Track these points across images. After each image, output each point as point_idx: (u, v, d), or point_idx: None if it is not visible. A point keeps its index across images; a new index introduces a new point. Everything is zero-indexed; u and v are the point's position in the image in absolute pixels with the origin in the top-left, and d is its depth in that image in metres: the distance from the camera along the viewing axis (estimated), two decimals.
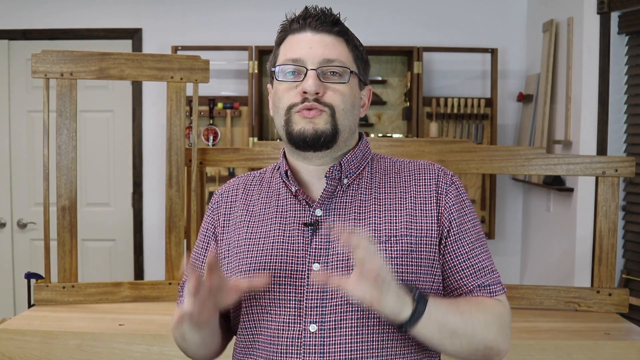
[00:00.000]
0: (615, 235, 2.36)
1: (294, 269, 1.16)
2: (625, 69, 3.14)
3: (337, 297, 1.13)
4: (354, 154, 1.22)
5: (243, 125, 3.86)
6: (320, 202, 1.19)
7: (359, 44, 1.25)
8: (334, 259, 1.15)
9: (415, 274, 1.15)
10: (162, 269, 2.82)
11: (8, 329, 2.08)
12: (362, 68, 1.24)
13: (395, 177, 1.23)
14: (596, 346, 2.03)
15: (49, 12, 3.94)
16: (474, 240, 1.21)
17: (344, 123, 1.18)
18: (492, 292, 1.20)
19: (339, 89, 1.18)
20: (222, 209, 1.30)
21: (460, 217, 1.20)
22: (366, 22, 3.94)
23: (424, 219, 1.18)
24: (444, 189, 1.21)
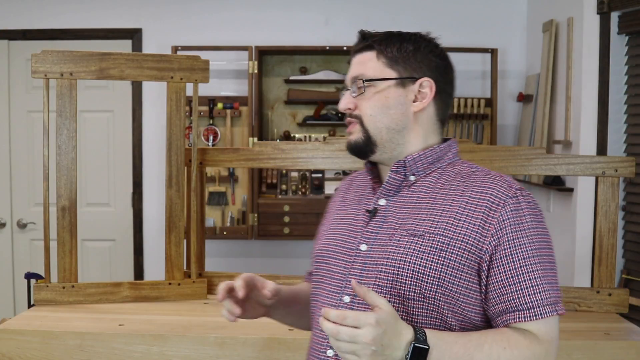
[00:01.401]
0: (615, 236, 2.36)
1: (346, 247, 1.31)
2: (625, 69, 3.14)
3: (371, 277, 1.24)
4: (423, 154, 1.31)
5: (243, 125, 3.86)
6: (384, 193, 1.32)
7: (393, 47, 1.32)
8: (378, 243, 1.27)
9: (439, 272, 1.20)
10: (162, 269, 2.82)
11: (8, 329, 2.08)
12: (403, 67, 1.31)
13: (459, 183, 1.28)
14: (596, 346, 2.03)
15: (48, 12, 3.94)
16: (527, 257, 1.20)
17: (376, 126, 1.30)
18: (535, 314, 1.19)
19: (365, 99, 1.31)
20: (335, 198, 1.50)
21: (514, 232, 1.20)
22: (366, 21, 3.94)
23: (466, 225, 1.21)
24: (504, 201, 1.22)
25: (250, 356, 2.03)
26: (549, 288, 1.20)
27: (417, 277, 1.21)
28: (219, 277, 2.58)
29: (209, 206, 3.81)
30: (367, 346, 1.05)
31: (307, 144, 2.52)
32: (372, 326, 1.05)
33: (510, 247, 1.20)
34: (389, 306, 1.09)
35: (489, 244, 1.20)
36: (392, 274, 1.22)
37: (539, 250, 1.21)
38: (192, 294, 2.50)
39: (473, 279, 1.21)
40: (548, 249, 1.23)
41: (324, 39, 3.94)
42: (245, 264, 3.94)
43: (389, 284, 1.22)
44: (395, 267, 1.22)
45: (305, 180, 3.88)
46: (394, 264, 1.23)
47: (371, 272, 1.25)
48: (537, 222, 1.23)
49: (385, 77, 1.30)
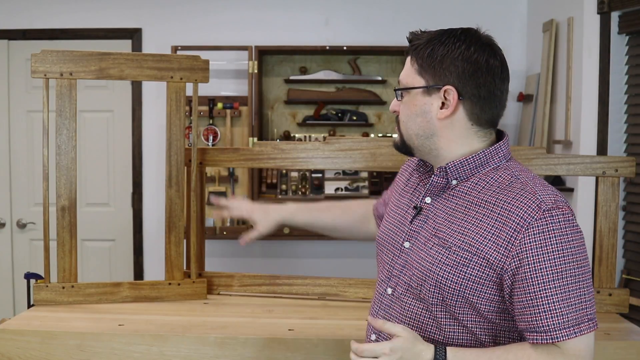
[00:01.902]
0: (615, 235, 2.36)
1: (394, 241, 1.43)
2: (626, 69, 3.13)
3: (407, 276, 1.36)
4: (465, 161, 1.34)
5: (243, 125, 3.86)
6: (429, 192, 1.38)
7: (427, 52, 1.33)
8: (417, 244, 1.37)
9: (460, 284, 1.28)
10: (161, 269, 2.82)
11: (7, 329, 2.08)
12: (432, 75, 1.33)
13: (495, 193, 1.30)
14: (596, 346, 2.02)
15: (48, 12, 3.94)
16: (548, 281, 1.22)
17: (408, 133, 1.38)
18: (551, 337, 1.22)
19: (402, 105, 1.38)
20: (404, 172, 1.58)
21: (537, 255, 1.22)
22: (366, 21, 3.94)
23: (491, 243, 1.26)
24: (529, 223, 1.23)
25: (250, 356, 2.03)
26: (570, 310, 1.22)
27: (440, 287, 1.30)
28: (219, 277, 2.58)
29: (208, 206, 3.80)
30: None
31: (307, 144, 2.52)
32: (387, 355, 1.22)
33: (531, 270, 1.22)
34: (406, 332, 1.24)
35: (509, 264, 1.24)
36: (420, 280, 1.33)
37: (562, 272, 1.22)
38: (192, 294, 2.50)
39: (495, 291, 1.27)
40: (576, 268, 1.23)
41: (324, 39, 3.93)
42: (245, 264, 3.93)
43: (417, 287, 1.34)
44: (423, 274, 1.33)
45: (305, 180, 3.88)
46: (422, 270, 1.33)
47: (408, 272, 1.37)
48: (565, 242, 1.23)
49: (412, 86, 1.35)
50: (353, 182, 3.87)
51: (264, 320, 2.24)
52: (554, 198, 1.26)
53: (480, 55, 1.32)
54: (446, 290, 1.29)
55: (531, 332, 1.24)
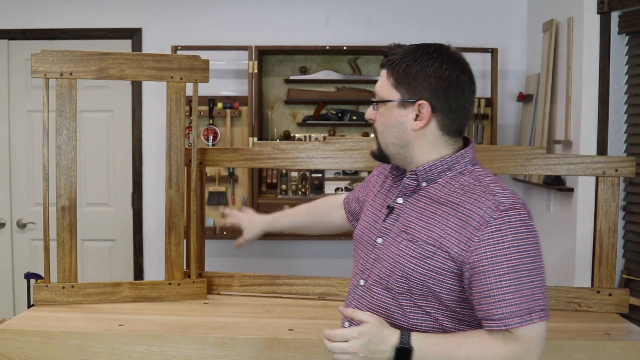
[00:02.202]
0: (615, 236, 2.36)
1: (368, 237, 1.56)
2: (626, 68, 3.13)
3: (378, 269, 1.49)
4: (434, 165, 1.47)
5: (243, 125, 3.86)
6: (402, 194, 1.51)
7: (403, 67, 1.45)
8: (388, 240, 1.49)
9: (424, 275, 1.41)
10: (161, 269, 2.82)
11: (7, 329, 2.08)
12: (406, 89, 1.45)
13: (459, 194, 1.42)
14: (596, 346, 2.03)
15: (48, 12, 3.94)
16: (502, 274, 1.34)
17: (384, 141, 1.50)
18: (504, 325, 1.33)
19: (379, 115, 1.50)
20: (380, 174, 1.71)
21: (494, 250, 1.34)
22: (366, 21, 3.94)
23: (453, 239, 1.38)
24: (487, 222, 1.35)
25: (250, 356, 2.03)
26: (522, 301, 1.33)
27: (406, 277, 1.42)
28: (219, 277, 2.58)
29: (208, 206, 3.81)
30: (356, 354, 1.36)
31: (307, 143, 2.52)
32: (356, 338, 1.36)
33: (488, 264, 1.34)
34: (374, 318, 1.38)
35: (469, 258, 1.36)
36: (389, 271, 1.46)
37: (515, 267, 1.34)
38: (192, 294, 2.50)
39: (455, 282, 1.40)
40: (529, 263, 1.35)
41: (324, 39, 3.93)
42: (245, 264, 3.93)
43: (386, 278, 1.46)
44: (392, 266, 1.45)
45: (305, 180, 3.88)
46: (391, 262, 1.46)
47: (379, 265, 1.49)
48: (519, 240, 1.35)
49: (388, 99, 1.46)
50: (353, 182, 3.87)
51: (264, 320, 2.24)
52: (512, 200, 1.38)
53: (451, 72, 1.43)
54: (412, 280, 1.42)
55: (487, 320, 1.35)
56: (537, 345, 1.35)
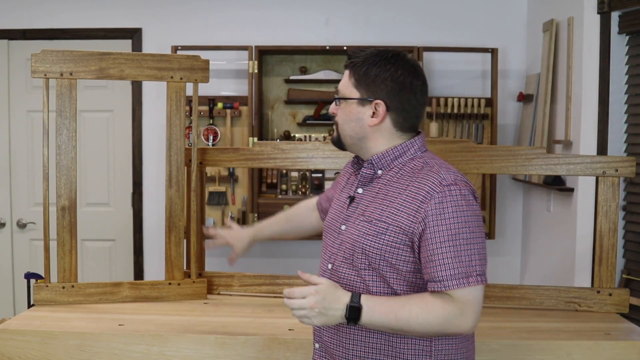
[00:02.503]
0: (615, 235, 2.36)
1: (334, 226, 1.71)
2: (626, 68, 3.13)
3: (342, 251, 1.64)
4: (385, 153, 1.64)
5: (243, 125, 3.86)
6: (360, 183, 1.68)
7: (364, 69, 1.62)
8: (350, 225, 1.65)
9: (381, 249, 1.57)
10: (161, 269, 2.82)
11: (7, 329, 2.08)
12: (365, 89, 1.63)
13: (409, 176, 1.60)
14: (596, 346, 2.03)
15: (48, 12, 3.93)
16: (445, 240, 1.51)
17: (343, 133, 1.68)
18: (444, 286, 1.50)
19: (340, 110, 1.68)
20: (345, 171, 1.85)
21: (437, 219, 1.51)
22: (366, 21, 3.94)
23: (402, 214, 1.55)
24: (431, 195, 1.53)
25: (250, 356, 2.03)
26: (460, 265, 1.50)
27: (366, 253, 1.58)
28: (219, 277, 2.58)
29: (209, 206, 3.81)
30: (312, 309, 1.50)
31: (307, 143, 2.52)
32: (313, 295, 1.51)
33: (432, 232, 1.51)
34: (328, 281, 1.55)
35: (417, 228, 1.53)
36: (351, 250, 1.62)
37: (455, 235, 1.51)
38: (192, 294, 2.50)
39: (409, 253, 1.56)
40: (468, 232, 1.52)
41: (324, 39, 3.93)
42: (245, 264, 3.93)
43: (349, 257, 1.62)
44: (353, 245, 1.61)
45: (306, 180, 3.88)
46: (352, 242, 1.62)
47: (342, 247, 1.64)
48: (459, 212, 1.52)
49: (349, 96, 1.64)
50: None
51: (264, 320, 2.24)
52: (454, 177, 1.56)
53: (405, 77, 1.61)
54: (371, 255, 1.58)
55: (430, 282, 1.52)
56: (473, 308, 1.50)
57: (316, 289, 1.52)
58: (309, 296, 1.52)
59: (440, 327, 1.50)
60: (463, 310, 1.49)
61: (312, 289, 1.52)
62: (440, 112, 3.77)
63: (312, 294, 1.52)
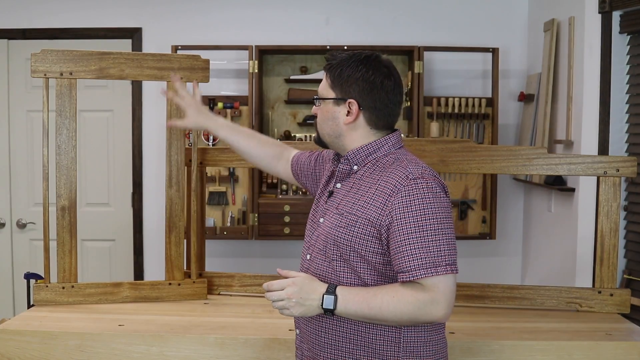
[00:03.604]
0: (616, 236, 2.35)
1: (314, 219, 1.79)
2: (627, 68, 3.13)
3: (319, 242, 1.71)
4: (360, 150, 1.71)
5: (243, 124, 3.85)
6: (337, 178, 1.76)
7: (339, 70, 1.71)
8: (327, 218, 1.72)
9: (351, 241, 1.63)
10: (162, 269, 2.81)
11: (7, 329, 2.08)
12: (339, 90, 1.71)
13: (380, 171, 1.67)
14: (597, 347, 2.03)
15: (48, 12, 3.93)
16: (410, 233, 1.56)
17: (322, 132, 1.77)
18: (413, 275, 1.55)
19: (319, 110, 1.77)
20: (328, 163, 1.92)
21: (403, 212, 1.57)
22: (367, 21, 3.94)
23: (371, 207, 1.62)
24: (398, 189, 1.59)
25: (251, 357, 2.03)
26: (428, 255, 1.55)
27: (337, 245, 1.65)
28: (219, 277, 2.58)
29: (209, 206, 3.80)
30: (289, 300, 1.58)
31: (307, 143, 2.51)
32: (290, 286, 1.59)
33: (399, 224, 1.57)
34: (304, 274, 1.64)
35: (384, 221, 1.59)
36: (325, 242, 1.69)
37: (422, 226, 1.56)
38: (192, 294, 2.49)
39: (377, 245, 1.62)
40: (435, 224, 1.56)
41: (324, 39, 3.93)
42: (246, 264, 3.93)
43: (323, 248, 1.69)
44: (326, 237, 1.69)
45: None
46: (326, 234, 1.69)
47: (319, 240, 1.71)
48: (426, 204, 1.57)
49: (326, 97, 1.73)
50: None
51: (265, 320, 2.24)
52: (421, 171, 1.62)
53: (377, 77, 1.69)
54: (341, 246, 1.64)
55: (400, 272, 1.57)
56: (445, 296, 1.54)
57: (293, 280, 1.61)
58: (287, 287, 1.60)
59: (412, 314, 1.55)
60: (434, 298, 1.54)
61: (289, 281, 1.61)
62: (441, 112, 3.76)
63: (289, 285, 1.60)
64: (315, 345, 1.71)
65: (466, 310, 2.37)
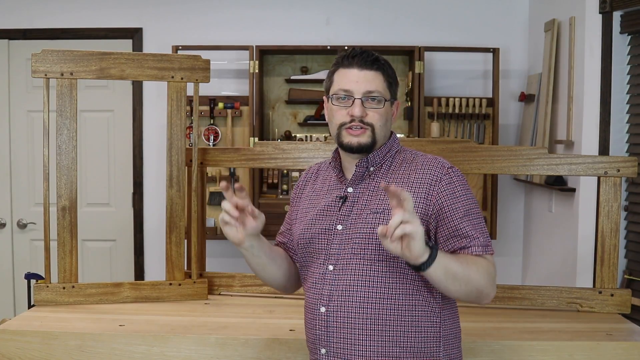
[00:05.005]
0: (617, 236, 2.35)
1: (325, 228, 1.67)
2: (627, 68, 3.13)
3: (348, 248, 1.62)
4: (379, 150, 1.69)
5: (244, 125, 3.86)
6: (351, 183, 1.69)
7: (391, 71, 1.69)
8: (350, 222, 1.64)
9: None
10: (162, 270, 2.81)
11: (8, 329, 2.08)
12: (394, 90, 1.70)
13: (405, 167, 1.68)
14: (598, 347, 2.02)
15: (49, 12, 3.93)
16: (463, 215, 1.59)
17: (380, 134, 1.67)
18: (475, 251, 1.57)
19: (377, 112, 1.65)
20: (302, 185, 1.85)
21: (451, 197, 1.60)
22: (368, 21, 3.94)
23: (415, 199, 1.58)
24: (439, 178, 1.62)
25: (251, 357, 2.03)
26: (480, 235, 1.60)
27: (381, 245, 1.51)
28: (220, 278, 2.58)
29: (209, 206, 3.80)
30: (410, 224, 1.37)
31: (308, 143, 2.51)
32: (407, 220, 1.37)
33: (449, 210, 1.59)
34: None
35: (432, 210, 1.60)
36: (364, 244, 1.60)
37: (468, 210, 1.61)
38: (192, 294, 2.49)
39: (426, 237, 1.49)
40: (476, 207, 1.64)
41: (325, 39, 3.93)
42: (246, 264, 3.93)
43: (361, 251, 1.60)
44: (366, 239, 1.60)
45: None
46: (364, 236, 1.60)
47: (347, 245, 1.62)
48: (465, 190, 1.63)
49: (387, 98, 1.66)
50: None
51: (265, 320, 2.24)
52: (448, 162, 1.68)
53: None
54: None
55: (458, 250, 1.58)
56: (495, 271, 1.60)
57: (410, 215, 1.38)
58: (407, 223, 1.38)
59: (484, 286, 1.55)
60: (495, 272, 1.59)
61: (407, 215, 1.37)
62: (442, 112, 3.76)
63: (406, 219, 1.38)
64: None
65: (466, 310, 2.37)
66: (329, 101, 1.70)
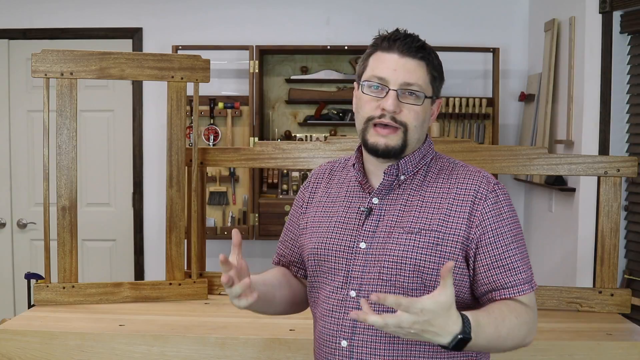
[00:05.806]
0: (617, 236, 2.35)
1: (344, 245, 1.42)
2: (628, 68, 3.13)
3: (374, 272, 1.37)
4: (413, 156, 1.43)
5: (244, 125, 3.86)
6: (377, 193, 1.42)
7: (437, 63, 1.42)
8: (376, 241, 1.39)
9: (436, 263, 1.34)
10: (162, 269, 2.81)
11: (8, 329, 2.08)
12: (437, 86, 1.43)
13: (444, 179, 1.42)
14: (598, 347, 2.02)
15: (49, 11, 3.93)
16: (508, 244, 1.37)
17: (413, 137, 1.40)
18: (518, 292, 1.36)
19: (414, 109, 1.38)
20: (312, 187, 1.58)
21: (496, 222, 1.37)
22: (367, 21, 3.94)
23: (455, 219, 1.36)
24: (484, 195, 1.38)
25: (251, 357, 2.03)
26: (526, 269, 1.39)
27: (419, 270, 1.35)
28: (220, 277, 2.57)
29: (209, 206, 3.80)
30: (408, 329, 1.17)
31: (308, 143, 2.51)
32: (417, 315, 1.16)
33: (493, 235, 1.36)
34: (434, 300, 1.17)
35: (474, 234, 1.36)
36: (395, 269, 1.36)
37: (515, 236, 1.39)
38: (192, 294, 2.49)
39: (463, 265, 1.37)
40: (521, 233, 1.41)
41: (325, 38, 3.93)
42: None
43: (392, 277, 1.36)
44: (398, 263, 1.35)
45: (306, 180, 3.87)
46: (395, 259, 1.36)
47: (374, 268, 1.38)
48: (512, 212, 1.40)
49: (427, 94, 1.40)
50: None
51: (265, 320, 2.23)
52: (492, 176, 1.44)
53: None
54: (425, 271, 1.35)
55: (497, 290, 1.36)
56: (536, 313, 1.38)
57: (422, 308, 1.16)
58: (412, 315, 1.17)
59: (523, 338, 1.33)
60: (535, 316, 1.36)
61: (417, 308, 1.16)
62: (442, 112, 3.76)
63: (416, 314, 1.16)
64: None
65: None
66: (359, 88, 1.45)
